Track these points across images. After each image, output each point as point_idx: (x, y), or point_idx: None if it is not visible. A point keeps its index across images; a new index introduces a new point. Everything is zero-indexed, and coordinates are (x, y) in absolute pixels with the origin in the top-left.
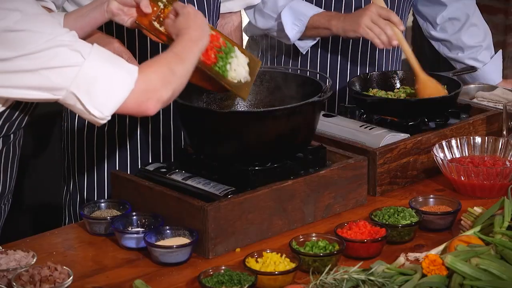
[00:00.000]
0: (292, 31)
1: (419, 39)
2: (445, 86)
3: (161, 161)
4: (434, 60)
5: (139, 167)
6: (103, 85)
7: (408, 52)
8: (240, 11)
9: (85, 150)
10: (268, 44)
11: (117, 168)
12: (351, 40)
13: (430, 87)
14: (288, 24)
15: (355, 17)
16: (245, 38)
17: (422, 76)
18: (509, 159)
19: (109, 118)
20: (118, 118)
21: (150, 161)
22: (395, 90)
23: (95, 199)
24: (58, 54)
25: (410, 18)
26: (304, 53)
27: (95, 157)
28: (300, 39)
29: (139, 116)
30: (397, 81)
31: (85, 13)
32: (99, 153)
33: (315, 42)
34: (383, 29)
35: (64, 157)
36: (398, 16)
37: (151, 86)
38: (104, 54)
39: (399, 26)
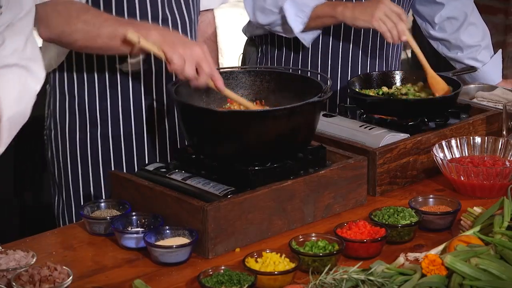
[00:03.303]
0: (296, 22)
1: (419, 39)
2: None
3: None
4: (434, 60)
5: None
6: None
7: (416, 48)
8: (213, 9)
9: (78, 155)
10: (267, 44)
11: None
12: (351, 41)
13: (440, 82)
14: (292, 16)
15: (368, 8)
16: (243, 39)
17: (431, 72)
18: (509, 159)
19: None
20: (123, 121)
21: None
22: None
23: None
24: None
25: (410, 18)
26: (308, 46)
27: (100, 160)
28: (303, 31)
29: None
30: (398, 81)
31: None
32: (94, 155)
33: (318, 34)
34: (396, 23)
35: (54, 167)
36: None
37: None
38: None
39: (406, 23)
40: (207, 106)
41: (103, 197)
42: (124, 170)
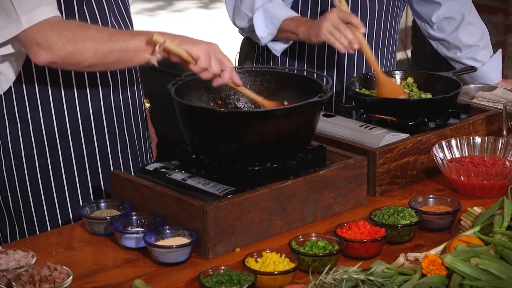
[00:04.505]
0: (263, 33)
1: (420, 39)
2: (413, 85)
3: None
4: (435, 60)
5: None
6: None
7: (368, 54)
8: None
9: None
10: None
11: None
12: None
13: (388, 88)
14: (260, 26)
15: (317, 22)
16: (239, 38)
17: (382, 77)
18: (509, 159)
19: None
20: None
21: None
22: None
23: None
24: None
25: (410, 18)
26: (278, 55)
27: (65, 184)
28: (272, 40)
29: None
30: (397, 81)
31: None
32: (58, 180)
33: (288, 45)
34: (344, 33)
35: (8, 196)
36: (394, 13)
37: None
38: None
39: (360, 29)
40: (207, 106)
41: (71, 218)
42: (91, 190)
